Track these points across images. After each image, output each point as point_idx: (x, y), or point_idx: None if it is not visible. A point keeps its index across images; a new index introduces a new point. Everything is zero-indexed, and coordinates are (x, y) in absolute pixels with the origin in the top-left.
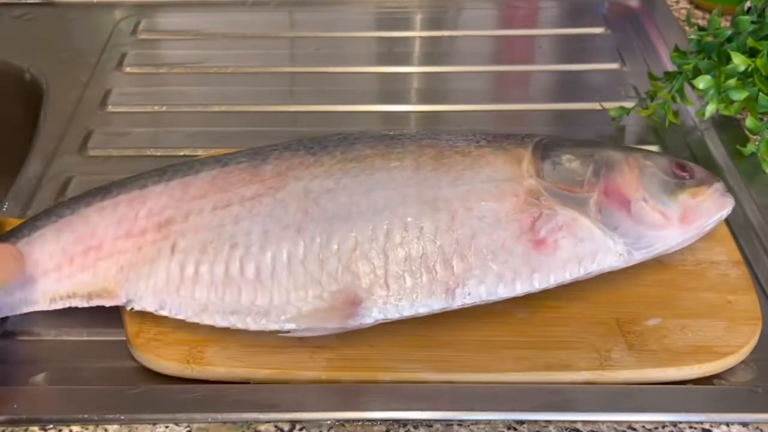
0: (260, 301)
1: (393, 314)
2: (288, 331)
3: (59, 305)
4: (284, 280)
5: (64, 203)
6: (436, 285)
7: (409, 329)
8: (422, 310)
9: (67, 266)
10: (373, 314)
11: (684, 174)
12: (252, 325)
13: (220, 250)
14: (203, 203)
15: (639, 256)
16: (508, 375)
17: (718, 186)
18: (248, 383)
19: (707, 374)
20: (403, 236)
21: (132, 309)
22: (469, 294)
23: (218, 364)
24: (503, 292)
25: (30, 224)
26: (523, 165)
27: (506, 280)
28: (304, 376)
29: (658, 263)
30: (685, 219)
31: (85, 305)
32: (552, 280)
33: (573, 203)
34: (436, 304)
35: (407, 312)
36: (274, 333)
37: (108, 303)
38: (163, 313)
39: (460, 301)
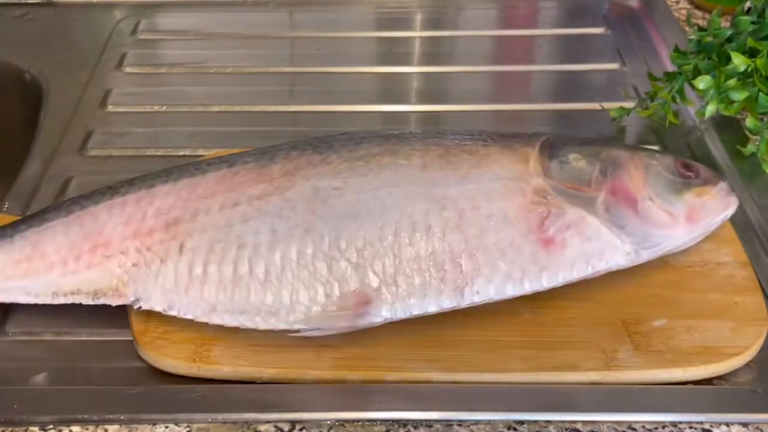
0: (269, 300)
1: (402, 314)
2: (297, 331)
3: (62, 300)
4: (293, 280)
5: (73, 200)
6: (445, 284)
7: (416, 329)
8: (431, 308)
9: (72, 262)
10: (383, 313)
11: (689, 173)
12: (261, 324)
13: (228, 250)
14: (211, 203)
15: (646, 255)
16: (514, 375)
17: (723, 185)
18: (255, 382)
19: (713, 375)
20: (412, 235)
21: (140, 308)
22: (478, 293)
23: (224, 363)
24: (512, 291)
25: (39, 216)
26: (530, 164)
27: (515, 278)
28: (309, 375)
29: (664, 264)
30: (691, 218)
31: (90, 303)
32: (560, 279)
33: (581, 202)
34: (445, 302)
35: (416, 311)
36: (281, 332)
37: (115, 302)
38: (172, 313)
39: (468, 300)
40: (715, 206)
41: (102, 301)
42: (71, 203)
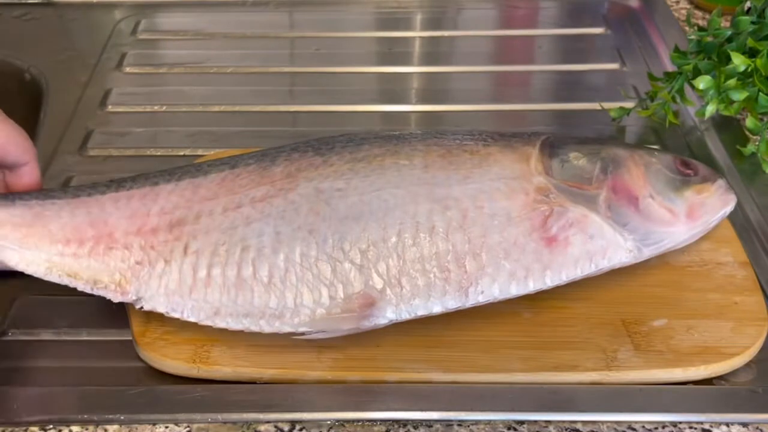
0: (273, 303)
1: (407, 315)
2: (302, 334)
3: (55, 279)
4: (297, 282)
5: (78, 186)
6: (450, 284)
7: (417, 329)
8: (436, 309)
9: (76, 244)
10: (387, 315)
11: (688, 171)
12: (266, 327)
13: (232, 252)
14: (213, 205)
15: (648, 252)
16: (515, 375)
17: (722, 183)
18: (255, 383)
19: (713, 375)
20: (415, 236)
21: (141, 308)
22: (483, 292)
23: (225, 364)
24: (516, 290)
25: (44, 192)
26: (531, 163)
27: (519, 277)
28: (310, 375)
29: (664, 264)
30: (691, 215)
31: (87, 291)
32: (564, 277)
33: (582, 200)
34: (449, 303)
35: (421, 312)
36: (284, 334)
37: (115, 298)
38: (175, 315)
39: (473, 300)
40: (715, 203)
41: (101, 293)
42: (77, 189)
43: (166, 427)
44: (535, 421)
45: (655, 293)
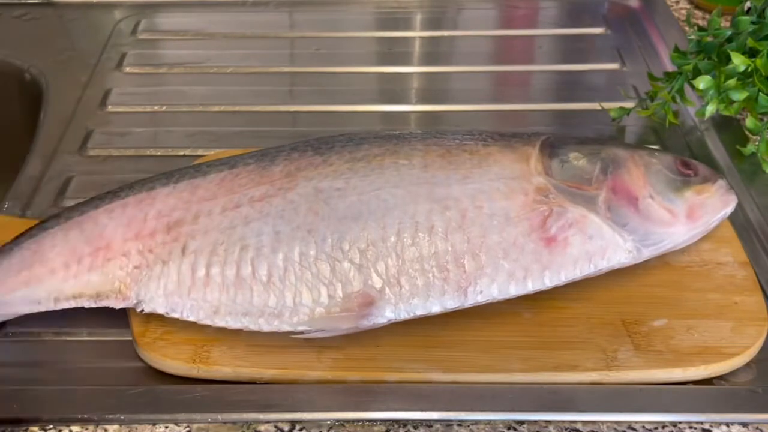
0: (272, 302)
1: (406, 314)
2: (301, 333)
3: (64, 305)
4: (296, 281)
5: (71, 207)
6: (449, 284)
7: (416, 329)
8: (435, 309)
9: (74, 265)
10: (386, 314)
11: (688, 171)
12: (265, 326)
13: (230, 252)
14: (212, 205)
15: (647, 253)
16: (515, 375)
17: (722, 183)
18: (255, 383)
19: (713, 375)
20: (415, 235)
21: (142, 311)
22: (481, 292)
23: (224, 364)
24: (515, 290)
25: (39, 226)
26: (531, 163)
27: (517, 278)
28: (310, 376)
29: (664, 264)
30: (691, 216)
31: (93, 306)
32: (563, 278)
33: (582, 201)
34: (448, 303)
35: (420, 311)
36: (284, 334)
37: (117, 305)
38: (175, 315)
39: (472, 300)
40: (715, 204)
41: (104, 303)
42: (70, 210)
43: (166, 427)
44: (535, 421)
45: (655, 293)
